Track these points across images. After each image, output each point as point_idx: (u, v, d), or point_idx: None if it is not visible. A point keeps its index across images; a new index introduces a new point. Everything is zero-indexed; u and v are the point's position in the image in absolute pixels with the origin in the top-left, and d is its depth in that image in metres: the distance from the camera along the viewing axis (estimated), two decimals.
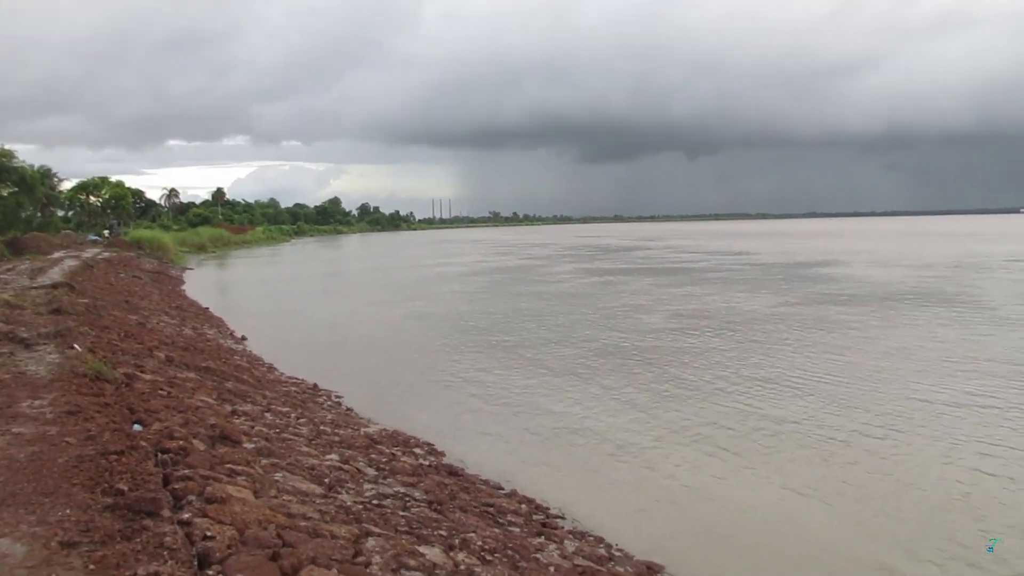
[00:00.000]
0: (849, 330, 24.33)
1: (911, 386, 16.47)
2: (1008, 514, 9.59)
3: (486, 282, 47.73)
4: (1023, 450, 12.15)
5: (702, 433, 13.41)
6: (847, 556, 8.63)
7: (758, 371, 18.35)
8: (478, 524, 8.11)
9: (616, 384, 17.55)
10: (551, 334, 25.17)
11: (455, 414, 15.20)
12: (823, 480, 11.03)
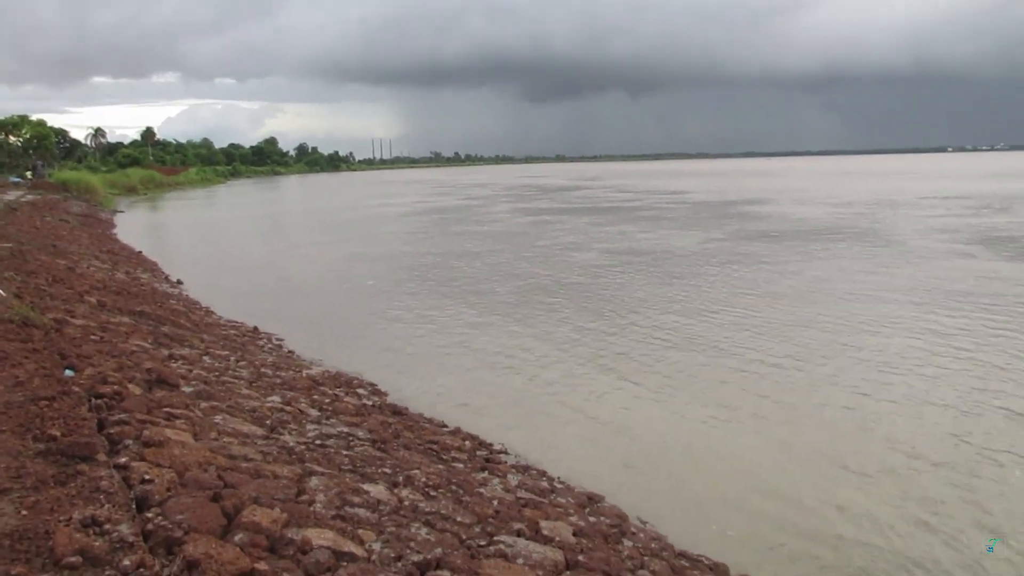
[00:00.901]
0: (769, 264, 25.51)
1: (822, 315, 17.43)
2: (916, 427, 10.36)
3: (425, 222, 47.56)
4: (923, 368, 13.24)
5: (634, 366, 13.84)
6: (769, 475, 9.08)
7: (684, 306, 19.06)
8: (422, 461, 8.19)
9: (552, 321, 17.90)
10: (489, 273, 25.46)
11: (398, 354, 15.21)
12: (745, 406, 11.56)
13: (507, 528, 6.42)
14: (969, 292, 19.98)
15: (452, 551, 5.50)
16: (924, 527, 7.70)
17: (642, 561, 6.51)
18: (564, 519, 7.14)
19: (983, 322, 16.62)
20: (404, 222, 48.35)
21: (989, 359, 13.69)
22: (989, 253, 27.12)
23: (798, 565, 7.10)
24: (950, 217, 41.22)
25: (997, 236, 31.62)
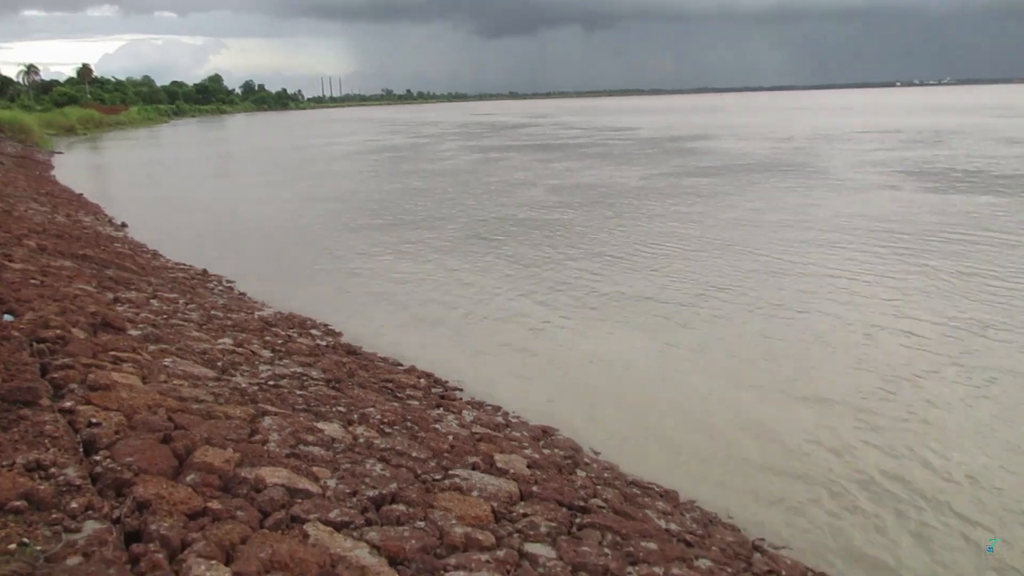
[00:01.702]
0: (707, 198, 26.12)
1: (757, 248, 17.97)
2: (854, 351, 10.71)
3: (375, 161, 46.95)
4: (846, 294, 13.97)
5: (582, 301, 14.07)
6: (715, 403, 9.35)
7: (628, 240, 19.41)
8: (377, 399, 8.21)
9: (502, 258, 18.04)
10: (438, 211, 25.48)
11: (351, 294, 15.12)
12: (688, 336, 11.89)
13: (462, 462, 6.50)
14: (891, 221, 20.76)
15: (407, 485, 5.56)
16: (869, 449, 7.99)
17: (595, 490, 6.66)
18: (518, 452, 7.26)
19: (901, 249, 17.38)
20: (354, 161, 47.57)
21: (903, 284, 14.48)
22: (914, 184, 27.96)
23: (745, 490, 7.33)
24: (882, 151, 42.05)
25: (923, 169, 32.52)
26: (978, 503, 6.92)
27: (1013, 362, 10.41)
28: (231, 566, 3.71)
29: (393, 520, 4.93)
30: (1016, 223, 20.15)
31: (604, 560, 5.08)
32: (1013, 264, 15.73)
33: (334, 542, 4.33)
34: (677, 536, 5.98)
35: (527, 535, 5.22)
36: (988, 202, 23.55)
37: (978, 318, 12.27)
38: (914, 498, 7.04)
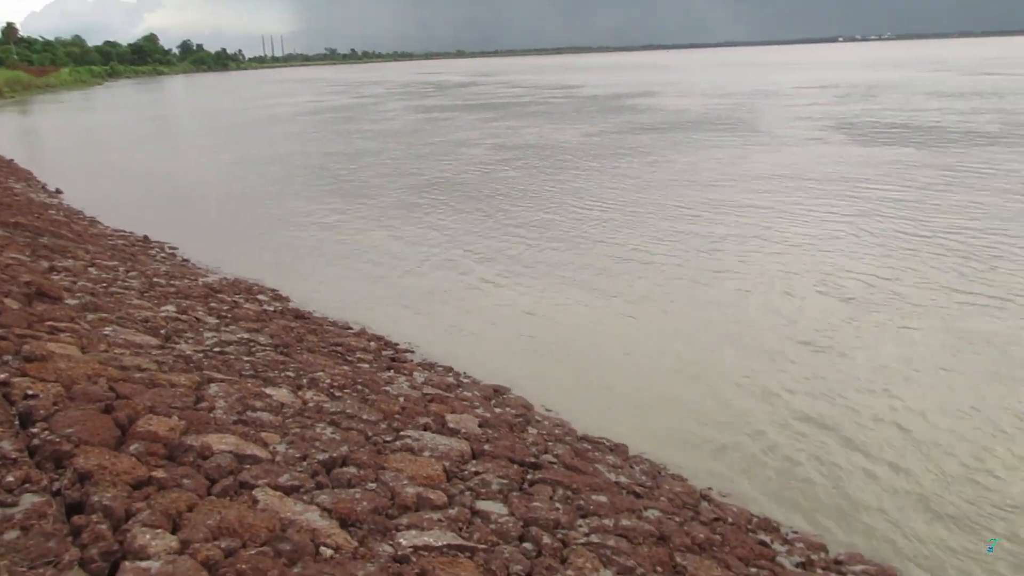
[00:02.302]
0: (645, 155, 26.50)
1: (693, 204, 18.33)
2: (788, 302, 10.97)
3: (318, 122, 46.11)
4: (780, 245, 14.46)
5: (525, 259, 14.19)
6: (661, 358, 9.51)
7: (569, 198, 19.63)
8: (326, 363, 8.14)
9: (445, 218, 18.06)
10: (383, 172, 25.34)
11: (298, 258, 14.91)
12: (630, 294, 12.04)
13: (413, 423, 6.51)
14: (819, 175, 21.35)
15: (358, 448, 5.55)
16: (809, 397, 8.22)
17: (546, 446, 6.74)
18: (470, 412, 7.29)
19: (829, 202, 18.02)
20: (297, 123, 46.58)
21: (831, 236, 14.99)
22: (842, 138, 28.73)
23: (693, 441, 7.50)
24: (816, 106, 42.81)
25: (853, 123, 33.30)
26: (912, 445, 7.18)
27: (937, 306, 10.83)
28: (178, 534, 3.67)
29: (344, 483, 4.92)
30: (935, 173, 20.92)
31: (555, 514, 5.16)
32: (931, 214, 16.34)
33: (284, 506, 4.30)
34: (627, 488, 6.09)
35: (479, 493, 5.27)
36: (909, 154, 24.31)
37: (902, 266, 12.74)
38: (852, 444, 7.27)
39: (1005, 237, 14.12)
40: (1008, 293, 11.20)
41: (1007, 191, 18.14)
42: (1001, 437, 7.30)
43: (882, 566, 5.52)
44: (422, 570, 4.00)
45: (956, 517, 6.09)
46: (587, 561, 4.56)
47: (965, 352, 9.31)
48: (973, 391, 8.28)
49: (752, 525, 5.98)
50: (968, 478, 6.64)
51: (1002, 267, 12.37)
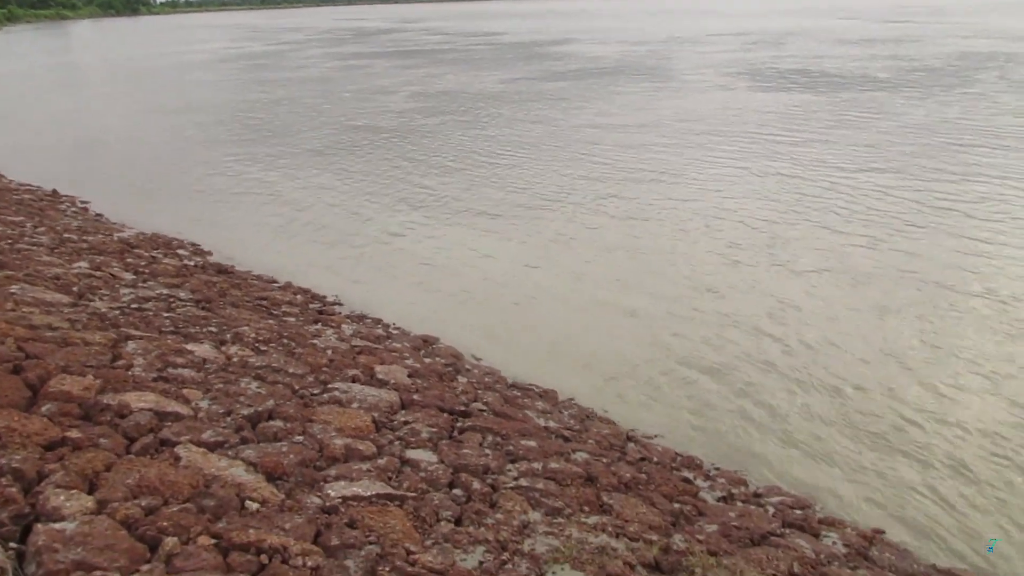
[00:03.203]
0: (560, 101, 26.60)
1: (606, 150, 18.53)
2: (700, 243, 11.23)
3: (235, 70, 44.42)
4: (680, 185, 15.08)
5: (448, 207, 14.17)
6: (583, 303, 9.64)
7: (487, 146, 19.57)
8: (251, 318, 7.97)
9: (367, 166, 17.85)
10: (301, 120, 24.77)
11: (219, 211, 14.46)
12: (550, 241, 12.15)
13: (342, 376, 6.45)
14: (724, 120, 21.93)
15: (284, 401, 5.47)
16: (725, 335, 8.45)
17: (476, 394, 6.78)
18: (399, 363, 7.27)
19: (730, 146, 18.52)
20: (213, 70, 44.70)
21: (738, 176, 15.56)
22: (746, 85, 29.35)
23: (620, 383, 7.65)
24: (726, 53, 43.28)
25: (759, 69, 33.88)
26: (827, 373, 7.48)
27: (827, 246, 11.27)
28: (95, 494, 3.57)
29: (270, 437, 4.86)
30: (832, 117, 21.67)
31: (485, 460, 5.22)
32: (828, 154, 17.03)
33: (208, 462, 4.23)
34: (556, 433, 6.19)
35: (408, 442, 5.28)
36: (807, 99, 25.05)
37: (795, 208, 13.19)
38: (765, 382, 7.53)
39: (890, 177, 14.79)
40: (890, 232, 11.74)
41: (892, 132, 19.03)
42: (892, 365, 7.70)
43: (798, 496, 5.79)
44: (351, 520, 4.00)
45: (860, 442, 6.40)
46: (516, 504, 4.64)
47: (852, 288, 9.76)
48: (862, 324, 8.70)
49: (676, 463, 6.17)
50: (868, 406, 6.97)
51: (886, 209, 12.93)
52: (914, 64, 32.11)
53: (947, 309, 9.03)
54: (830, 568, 4.53)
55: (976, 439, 6.44)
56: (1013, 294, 9.29)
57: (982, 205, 12.81)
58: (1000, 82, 25.98)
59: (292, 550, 3.48)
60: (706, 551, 4.43)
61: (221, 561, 3.30)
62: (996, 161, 15.71)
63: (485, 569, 3.85)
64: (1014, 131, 18.44)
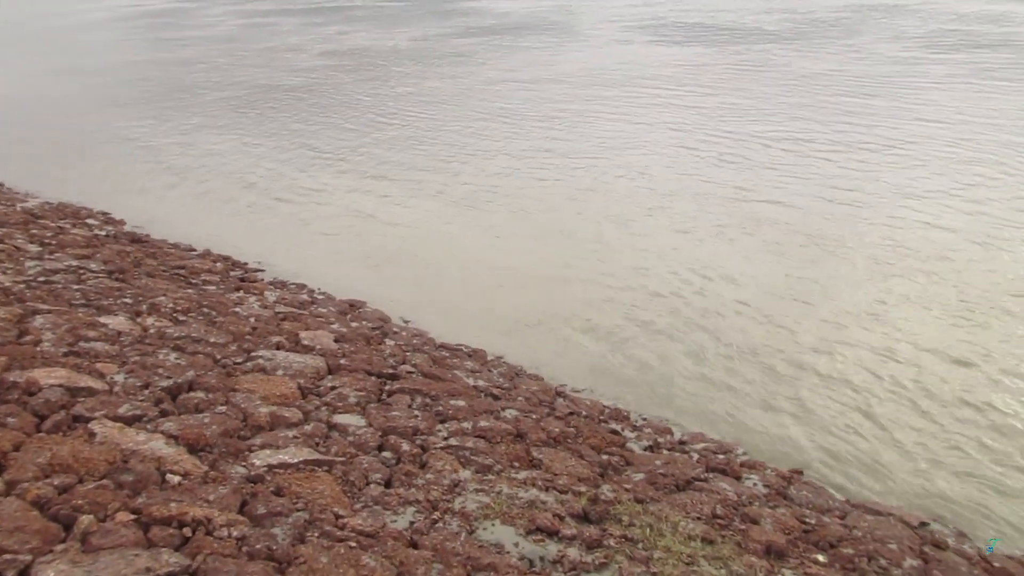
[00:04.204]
0: (469, 58, 26.63)
1: (514, 105, 18.63)
2: (611, 192, 11.53)
3: (136, 29, 42.43)
4: (596, 137, 15.32)
5: (362, 168, 13.97)
6: (508, 261, 9.68)
7: (398, 104, 19.38)
8: (168, 287, 7.71)
9: (280, 126, 17.48)
10: (209, 81, 24.00)
11: (129, 177, 13.88)
12: (470, 198, 12.16)
13: (265, 343, 6.32)
14: (623, 75, 22.20)
15: (206, 372, 5.34)
16: (645, 288, 8.60)
17: (404, 357, 6.75)
18: (325, 328, 7.16)
19: (630, 99, 18.84)
20: (112, 29, 42.48)
21: (640, 126, 15.95)
22: (647, 39, 29.65)
23: (548, 340, 7.72)
24: (628, 7, 43.35)
25: (660, 24, 34.17)
26: (738, 321, 7.69)
27: (727, 197, 11.63)
28: (3, 475, 3.43)
29: (191, 408, 4.74)
30: (726, 69, 22.21)
31: (414, 422, 5.21)
32: (716, 105, 17.54)
33: (125, 437, 4.10)
34: (485, 391, 6.22)
35: (335, 407, 5.22)
36: (702, 53, 25.69)
37: (690, 160, 13.57)
38: (690, 329, 7.71)
39: (778, 127, 15.37)
40: (781, 180, 12.22)
41: (778, 84, 19.69)
42: (792, 304, 8.06)
43: (721, 442, 5.98)
44: (278, 487, 3.95)
45: (777, 387, 6.64)
46: (446, 464, 4.66)
47: (749, 236, 10.11)
48: (761, 270, 9.05)
49: (604, 416, 6.29)
50: (779, 351, 7.23)
51: (777, 157, 13.42)
52: (805, 18, 32.80)
53: (836, 248, 9.53)
54: (751, 508, 4.71)
55: (877, 375, 6.75)
56: (894, 234, 9.86)
57: (858, 153, 13.45)
58: (881, 33, 26.90)
59: (216, 521, 3.42)
60: (633, 499, 4.55)
61: (142, 536, 3.21)
62: (869, 108, 16.49)
63: (416, 529, 3.86)
64: (887, 80, 19.28)
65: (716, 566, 3.86)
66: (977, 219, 10.14)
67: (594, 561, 3.77)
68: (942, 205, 10.70)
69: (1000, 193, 10.99)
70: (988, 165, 12.18)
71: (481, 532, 3.94)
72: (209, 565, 3.09)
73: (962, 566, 4.38)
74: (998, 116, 15.05)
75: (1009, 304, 7.90)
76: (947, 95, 17.12)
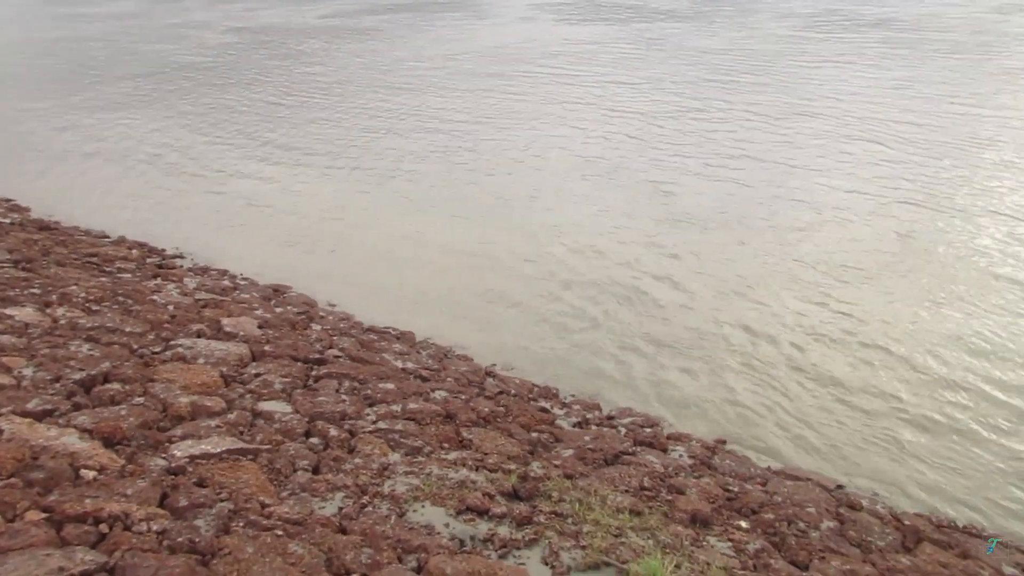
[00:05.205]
0: (381, 35, 26.79)
1: (423, 82, 18.80)
2: (527, 164, 11.69)
3: (32, 4, 40.40)
4: (506, 116, 15.48)
5: (278, 148, 13.81)
6: (434, 242, 9.67)
7: (310, 83, 19.27)
8: (80, 276, 7.39)
9: (189, 105, 17.13)
10: (114, 59, 23.32)
11: (33, 162, 13.25)
12: (388, 178, 12.12)
13: (185, 331, 6.13)
14: (529, 53, 22.56)
15: (122, 363, 5.14)
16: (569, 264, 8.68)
17: (331, 341, 6.65)
18: (248, 314, 6.99)
19: (531, 71, 19.47)
20: (3, 5, 40.30)
21: (538, 108, 16.07)
22: (552, 17, 29.93)
23: (477, 321, 7.72)
24: None
25: (564, 2, 34.43)
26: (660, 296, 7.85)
27: (635, 167, 12.03)
28: None
29: (107, 401, 4.57)
30: (627, 45, 22.92)
31: (342, 406, 5.14)
32: (622, 84, 17.91)
33: (35, 433, 3.92)
34: (414, 373, 6.18)
35: (260, 395, 5.11)
36: (606, 31, 26.22)
37: (600, 132, 13.95)
38: (618, 307, 7.82)
39: (678, 98, 16.03)
40: (679, 147, 12.81)
41: (676, 59, 20.42)
42: (710, 280, 8.34)
43: (648, 416, 6.09)
44: (200, 478, 3.85)
45: (701, 360, 6.80)
46: (375, 447, 4.62)
47: (664, 206, 10.52)
48: (678, 243, 9.34)
49: (534, 394, 6.33)
50: (699, 324, 7.42)
51: (682, 127, 13.94)
52: None
53: (739, 222, 9.90)
54: (677, 479, 4.82)
55: (795, 345, 6.98)
56: (776, 204, 10.40)
57: (752, 123, 14.09)
58: (771, 12, 27.80)
59: (135, 515, 3.31)
60: (562, 475, 4.60)
61: (54, 535, 3.08)
62: (760, 83, 17.25)
63: (345, 514, 3.82)
64: (776, 57, 20.18)
65: (643, 536, 3.94)
66: (853, 195, 10.63)
67: (524, 538, 3.80)
68: (817, 180, 11.24)
69: (871, 171, 11.51)
70: (863, 141, 12.84)
71: (411, 514, 3.92)
72: (127, 561, 2.99)
73: (875, 525, 4.58)
74: (871, 91, 16.03)
75: (885, 276, 8.28)
76: (830, 72, 18.08)
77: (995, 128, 13.14)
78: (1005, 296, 7.70)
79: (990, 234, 9.18)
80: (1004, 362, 6.63)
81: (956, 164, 11.56)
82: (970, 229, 9.34)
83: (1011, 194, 10.42)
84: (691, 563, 3.70)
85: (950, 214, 9.79)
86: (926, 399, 6.19)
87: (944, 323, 7.29)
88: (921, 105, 14.64)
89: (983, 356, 6.73)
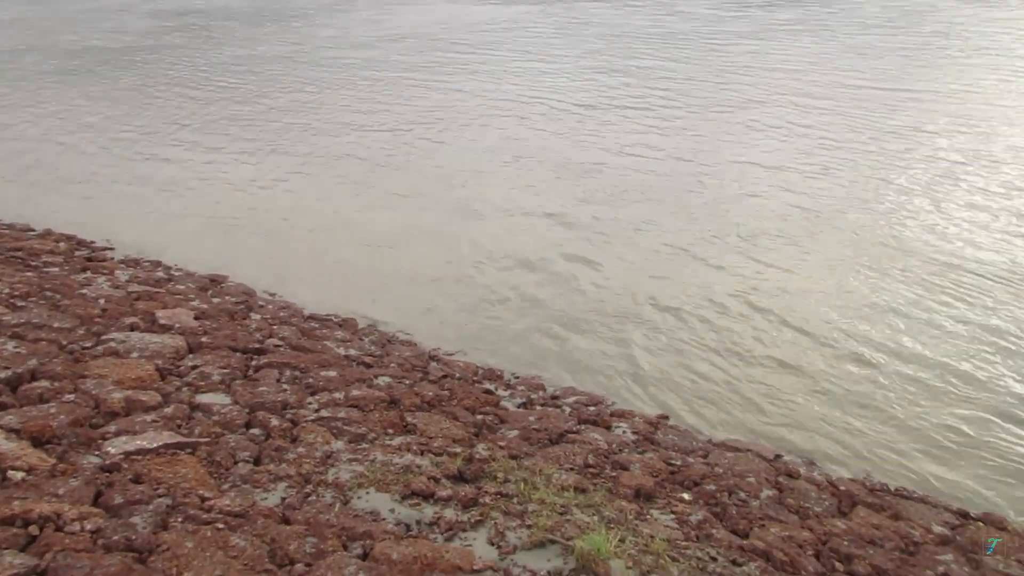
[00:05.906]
0: (306, 18, 26.71)
1: (345, 64, 18.94)
2: (463, 144, 11.71)
3: None
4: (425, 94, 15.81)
5: (204, 133, 13.57)
6: (374, 227, 9.60)
7: (234, 64, 19.20)
8: (3, 272, 7.11)
9: (110, 91, 16.78)
10: (31, 42, 22.64)
11: None
12: (306, 159, 12.10)
13: (118, 325, 5.95)
14: (449, 34, 22.85)
15: (50, 359, 4.97)
16: (514, 249, 8.70)
17: (271, 330, 6.54)
18: (184, 305, 6.82)
19: (452, 54, 19.66)
20: None
21: (471, 91, 16.22)
22: None
23: (418, 305, 7.67)
24: None
25: None
26: (598, 274, 7.94)
27: (553, 150, 12.17)
28: None
29: (35, 399, 4.41)
30: (552, 27, 23.29)
31: (283, 396, 5.07)
32: (544, 53, 18.60)
33: None
34: (357, 360, 6.13)
35: (198, 387, 5.00)
36: (526, 11, 26.54)
37: (534, 107, 14.33)
38: (556, 285, 7.88)
39: (603, 76, 16.35)
40: (598, 132, 13.01)
41: (601, 38, 20.82)
42: (626, 250, 8.56)
43: (592, 394, 6.15)
44: (136, 475, 3.75)
45: (642, 335, 6.90)
46: (318, 436, 4.57)
47: (592, 178, 10.81)
48: (613, 219, 9.55)
49: (478, 376, 6.33)
50: (637, 300, 7.53)
51: (604, 106, 14.22)
52: None
53: (669, 196, 10.20)
54: (621, 455, 4.88)
55: (733, 316, 7.13)
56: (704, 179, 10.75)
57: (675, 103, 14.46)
58: None
59: (67, 516, 3.21)
60: (507, 456, 4.62)
61: None
62: (682, 60, 17.74)
63: (288, 504, 3.77)
64: (694, 34, 20.76)
65: (588, 513, 3.99)
66: (776, 171, 10.97)
67: (470, 519, 3.81)
68: (736, 155, 11.59)
69: (784, 144, 11.97)
70: (779, 115, 13.32)
71: (356, 501, 3.90)
72: (60, 563, 2.90)
73: (812, 492, 4.72)
74: (788, 65, 16.62)
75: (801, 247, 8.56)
76: (748, 47, 18.73)
77: (902, 101, 13.75)
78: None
79: (899, 204, 9.60)
80: (920, 331, 6.89)
81: (870, 137, 12.12)
82: (876, 199, 9.80)
83: (923, 163, 10.95)
84: (635, 536, 3.76)
85: (862, 184, 10.23)
86: (853, 368, 6.40)
87: (858, 294, 7.54)
88: (832, 78, 15.25)
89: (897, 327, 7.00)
